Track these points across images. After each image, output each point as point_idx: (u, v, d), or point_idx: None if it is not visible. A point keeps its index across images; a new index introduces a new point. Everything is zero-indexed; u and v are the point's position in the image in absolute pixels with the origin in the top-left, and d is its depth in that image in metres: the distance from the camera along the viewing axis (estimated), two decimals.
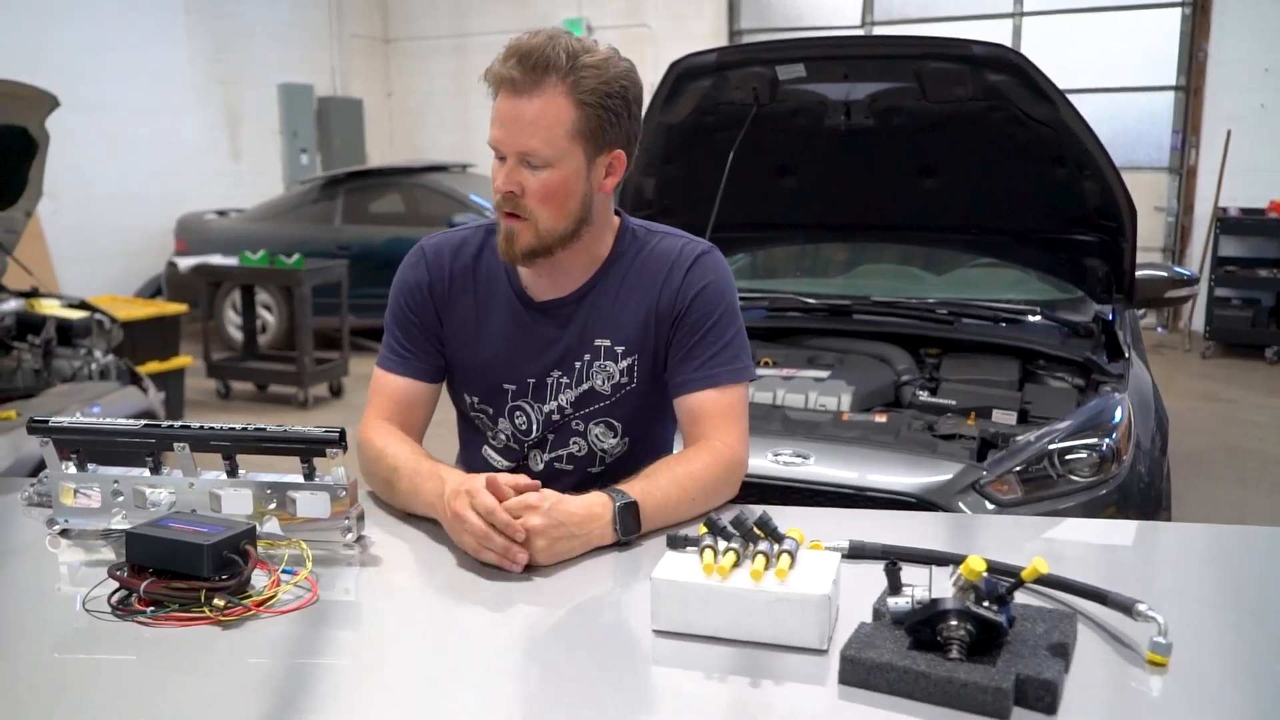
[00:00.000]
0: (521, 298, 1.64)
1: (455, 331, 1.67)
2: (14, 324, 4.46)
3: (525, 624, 1.22)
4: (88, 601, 1.21)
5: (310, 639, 1.16)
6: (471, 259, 1.67)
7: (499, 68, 1.47)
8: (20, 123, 4.27)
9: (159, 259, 8.47)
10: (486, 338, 1.65)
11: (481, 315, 1.65)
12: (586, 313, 1.63)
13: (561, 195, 1.51)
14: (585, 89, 1.47)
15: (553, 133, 1.46)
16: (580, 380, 1.63)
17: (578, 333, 1.62)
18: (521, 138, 1.47)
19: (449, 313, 1.67)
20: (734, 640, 1.10)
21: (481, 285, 1.66)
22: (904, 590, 1.06)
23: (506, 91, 1.47)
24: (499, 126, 1.48)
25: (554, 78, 1.45)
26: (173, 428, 1.35)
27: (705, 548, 1.14)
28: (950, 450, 2.77)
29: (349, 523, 1.37)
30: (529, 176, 1.49)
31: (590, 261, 1.63)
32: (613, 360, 1.62)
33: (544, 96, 1.45)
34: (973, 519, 2.14)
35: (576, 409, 1.64)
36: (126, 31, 8.58)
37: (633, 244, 1.65)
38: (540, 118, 1.46)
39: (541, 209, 1.51)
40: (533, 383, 1.64)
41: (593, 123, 1.49)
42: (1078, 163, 3.03)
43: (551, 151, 1.47)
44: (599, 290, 1.63)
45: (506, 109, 1.47)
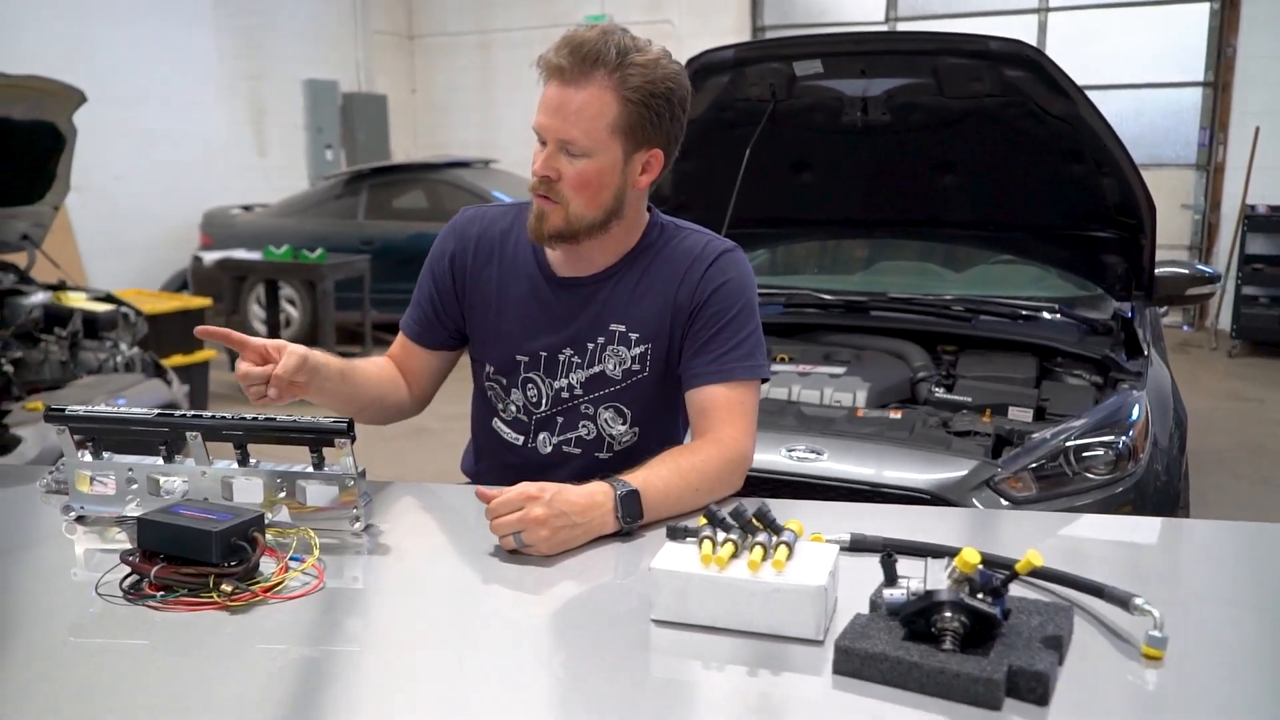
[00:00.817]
0: (544, 271, 1.68)
1: (476, 301, 1.72)
2: (42, 316, 4.52)
3: (527, 613, 1.23)
4: (101, 586, 1.23)
5: (317, 625, 1.18)
6: (501, 232, 1.73)
7: (551, 56, 1.51)
8: (49, 118, 4.33)
9: (185, 253, 8.56)
10: (505, 308, 1.70)
11: (503, 286, 1.70)
12: (605, 296, 1.66)
13: (595, 186, 1.55)
14: (631, 86, 1.51)
15: (594, 124, 1.51)
16: (592, 362, 1.66)
17: (595, 314, 1.66)
18: (564, 126, 1.51)
19: (472, 282, 1.72)
20: (731, 630, 1.11)
21: (507, 257, 1.71)
22: (900, 582, 1.07)
23: (555, 80, 1.51)
24: (544, 112, 1.53)
25: (602, 72, 1.49)
26: (185, 417, 1.38)
27: (704, 538, 1.15)
28: (964, 447, 2.77)
29: (357, 512, 1.39)
30: (566, 164, 1.54)
31: (615, 250, 1.67)
32: (626, 346, 1.65)
33: (590, 89, 1.50)
34: (981, 514, 2.13)
35: (586, 391, 1.68)
36: (155, 27, 8.67)
37: (660, 237, 1.69)
38: (584, 109, 1.50)
39: (574, 196, 1.55)
40: (545, 356, 1.68)
41: (634, 119, 1.53)
42: (1096, 159, 3.01)
43: (590, 142, 1.52)
44: (621, 276, 1.67)
45: (553, 96, 1.51)
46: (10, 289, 4.58)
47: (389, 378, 1.77)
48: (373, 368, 1.76)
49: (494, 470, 1.76)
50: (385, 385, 1.75)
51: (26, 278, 4.73)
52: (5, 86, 4.06)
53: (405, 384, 1.79)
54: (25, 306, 4.50)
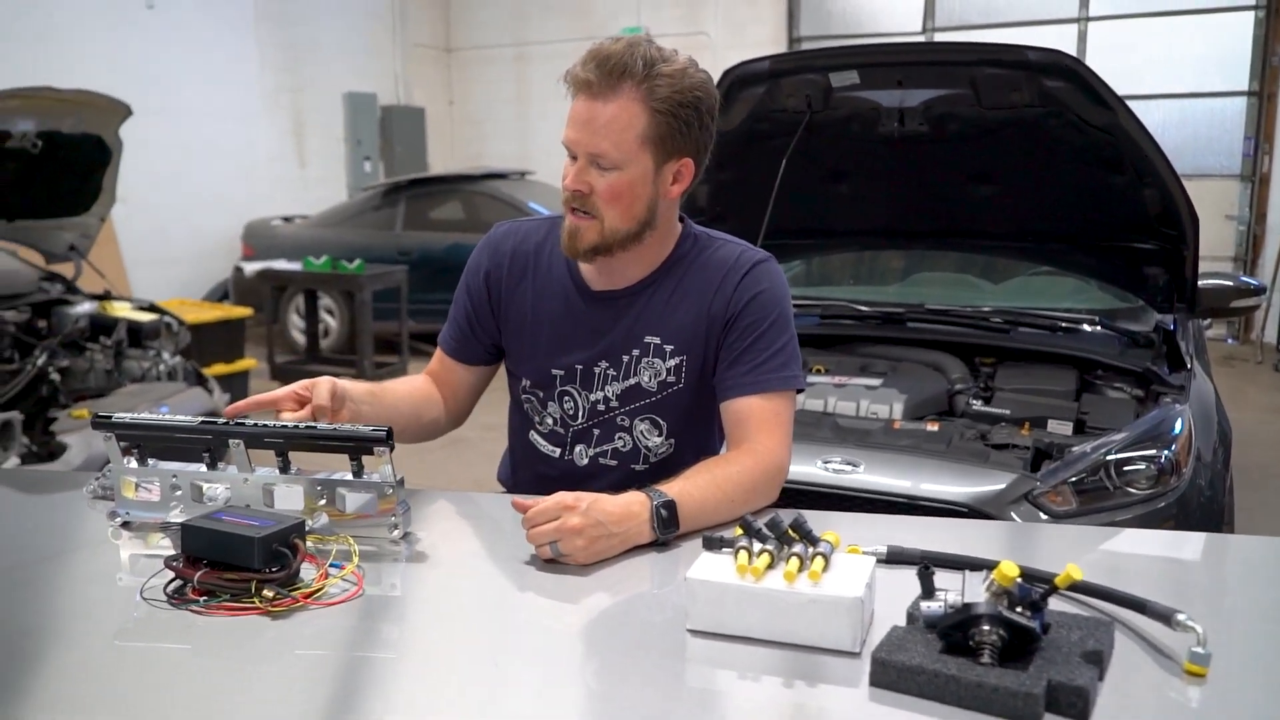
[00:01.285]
0: (578, 285, 1.69)
1: (512, 315, 1.74)
2: (88, 326, 4.61)
3: (562, 622, 1.24)
4: (145, 591, 1.25)
5: (356, 632, 1.19)
6: (535, 246, 1.74)
7: (578, 70, 1.52)
8: (96, 131, 4.42)
9: (227, 263, 8.69)
10: (540, 323, 1.71)
11: (537, 300, 1.71)
12: (640, 308, 1.67)
13: (628, 197, 1.56)
14: (659, 96, 1.51)
15: (623, 136, 1.51)
16: (627, 374, 1.67)
17: (628, 327, 1.67)
18: (593, 139, 1.52)
19: (507, 297, 1.74)
20: (767, 641, 1.11)
21: (541, 271, 1.72)
22: (937, 594, 1.06)
23: (583, 94, 1.52)
24: (573, 127, 1.54)
25: (629, 84, 1.50)
26: (228, 424, 1.40)
27: (740, 549, 1.15)
28: (1003, 460, 2.74)
29: (395, 519, 1.40)
30: (597, 177, 1.55)
31: (650, 261, 1.67)
32: (661, 358, 1.66)
33: (618, 101, 1.50)
34: (1019, 528, 2.12)
35: (622, 403, 1.68)
36: (200, 41, 8.82)
37: (693, 248, 1.69)
38: (613, 121, 1.51)
39: (608, 209, 1.56)
40: (580, 370, 1.69)
41: (663, 130, 1.53)
42: (1137, 169, 2.98)
43: (620, 155, 1.52)
44: (655, 289, 1.67)
45: (582, 110, 1.52)
46: (58, 299, 4.68)
47: (423, 395, 1.77)
48: (404, 387, 1.77)
49: (531, 481, 1.77)
50: (419, 403, 1.76)
51: (73, 288, 4.83)
52: (54, 101, 4.16)
53: (441, 400, 1.80)
54: (72, 316, 4.59)
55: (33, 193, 4.40)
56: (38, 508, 1.74)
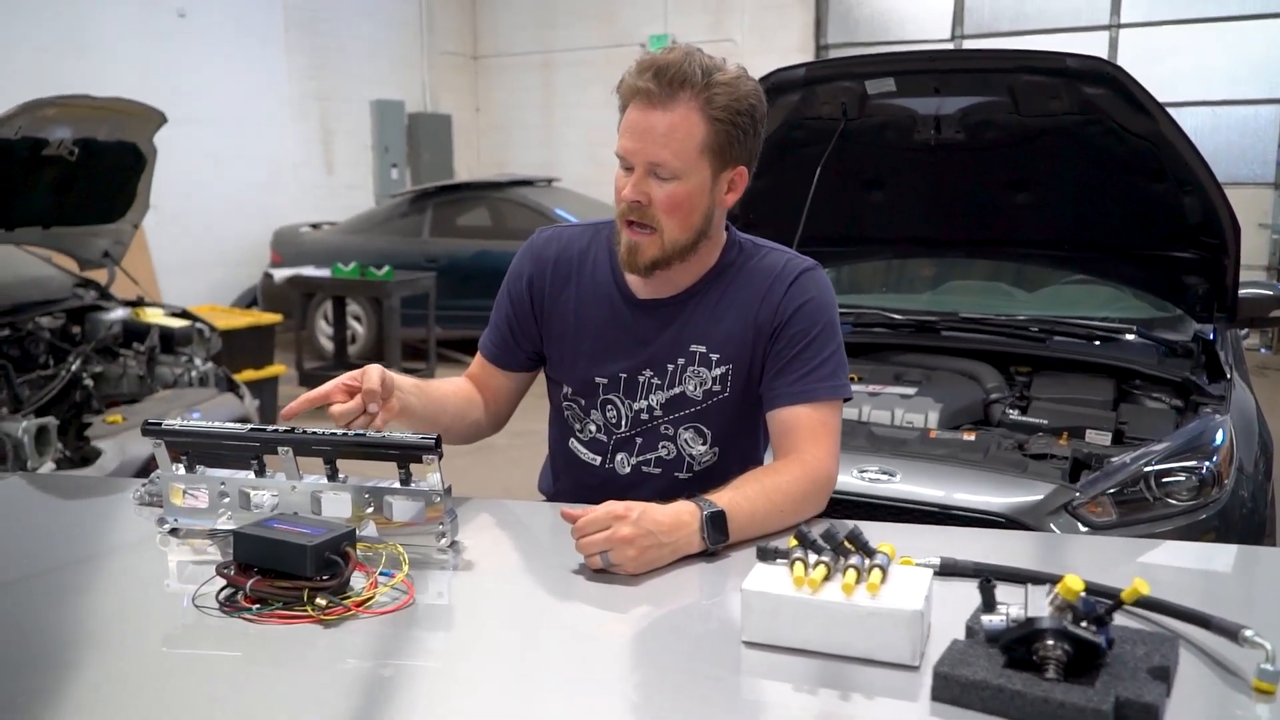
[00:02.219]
0: (623, 293, 1.68)
1: (555, 323, 1.73)
2: (121, 332, 4.65)
3: (614, 632, 1.23)
4: (197, 598, 1.25)
5: (406, 641, 1.19)
6: (579, 252, 1.73)
7: (634, 80, 1.51)
8: (130, 138, 4.46)
9: (255, 270, 8.75)
10: (584, 330, 1.70)
11: (581, 308, 1.70)
12: (686, 317, 1.65)
13: (686, 208, 1.55)
14: (717, 105, 1.51)
15: (683, 146, 1.51)
16: (672, 383, 1.66)
17: (674, 335, 1.65)
18: (653, 149, 1.51)
19: (550, 304, 1.73)
20: (823, 653, 1.10)
21: (585, 278, 1.71)
22: (998, 608, 1.05)
23: (640, 103, 1.51)
24: (631, 137, 1.52)
25: (688, 93, 1.49)
26: (277, 432, 1.40)
27: (796, 560, 1.14)
28: (1041, 470, 2.71)
29: (443, 527, 1.40)
30: (656, 187, 1.53)
31: (696, 271, 1.66)
32: (706, 367, 1.64)
33: (678, 111, 1.50)
34: (1063, 539, 2.09)
35: (666, 412, 1.67)
36: (230, 50, 8.91)
37: (739, 256, 1.68)
38: (673, 131, 1.50)
39: (667, 220, 1.55)
40: (624, 378, 1.67)
41: (722, 139, 1.53)
42: (1178, 177, 2.94)
43: (680, 164, 1.51)
44: (701, 297, 1.66)
45: (639, 120, 1.51)
46: (91, 305, 4.72)
47: (465, 396, 1.77)
48: (448, 386, 1.77)
49: (572, 490, 1.76)
50: (463, 403, 1.76)
51: (107, 294, 4.87)
52: (91, 109, 4.20)
53: (482, 403, 1.80)
54: (105, 322, 4.64)
55: (68, 200, 4.44)
56: (85, 513, 1.76)
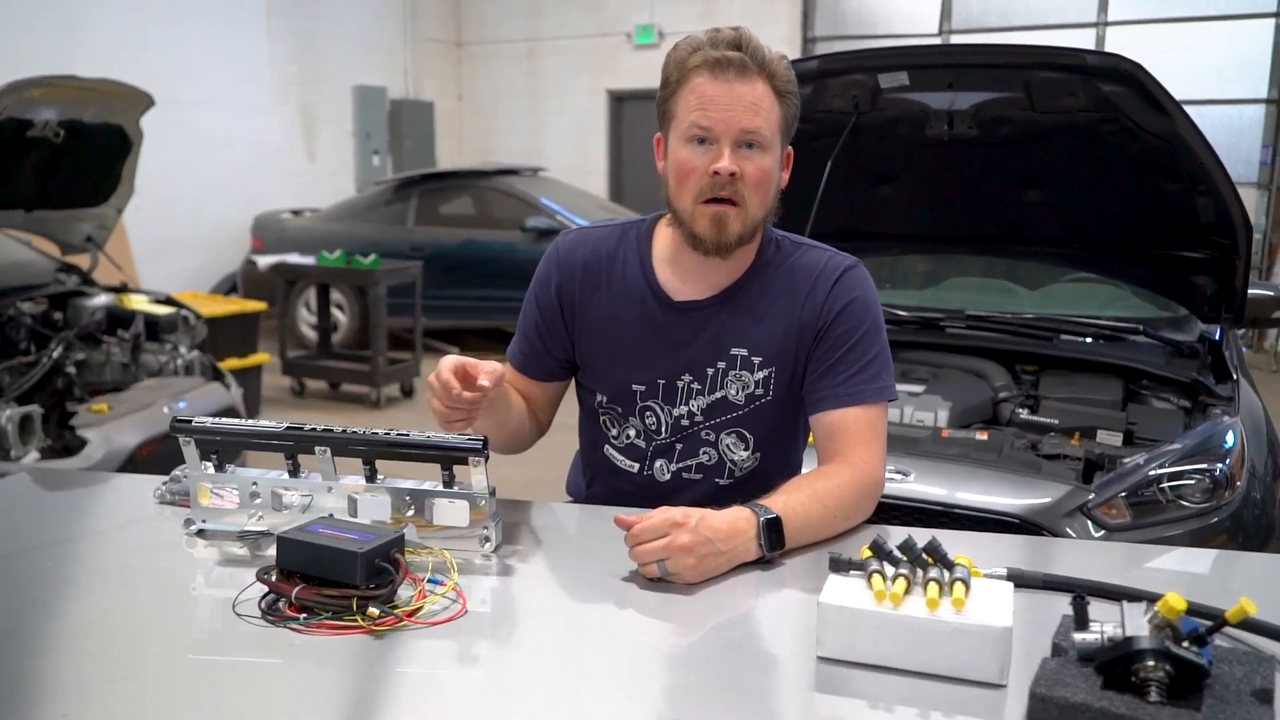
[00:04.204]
0: (658, 295, 1.61)
1: (587, 329, 1.65)
2: (104, 318, 4.54)
3: (675, 644, 1.18)
4: (238, 604, 1.19)
5: (457, 651, 1.14)
6: (607, 255, 1.65)
7: (711, 51, 1.46)
8: (118, 121, 4.35)
9: (234, 256, 8.61)
10: (618, 336, 1.63)
11: (614, 313, 1.63)
12: (724, 319, 1.59)
13: (769, 182, 1.51)
14: (783, 79, 1.49)
15: (770, 117, 1.48)
16: (713, 388, 1.60)
17: (714, 338, 1.59)
18: (745, 116, 1.45)
19: (581, 310, 1.65)
20: (902, 670, 1.06)
21: (616, 282, 1.64)
22: (1092, 625, 1.01)
23: (720, 75, 1.45)
24: (715, 108, 1.46)
25: (764, 69, 1.47)
26: (315, 431, 1.34)
27: (873, 572, 1.09)
28: (1055, 471, 2.70)
29: (487, 531, 1.35)
30: (746, 160, 1.48)
31: (735, 266, 1.60)
32: (749, 371, 1.59)
33: (756, 83, 1.47)
34: (1098, 546, 2.06)
35: (707, 417, 1.61)
36: (211, 32, 8.74)
37: (776, 254, 1.62)
38: (760, 100, 1.46)
39: (754, 194, 1.50)
40: (663, 384, 1.61)
41: (789, 115, 1.52)
42: (1192, 177, 2.93)
43: (770, 134, 1.48)
44: (740, 298, 1.60)
45: (722, 91, 1.45)
46: (74, 291, 4.60)
47: (521, 401, 1.69)
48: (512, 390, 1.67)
49: (607, 495, 1.71)
50: (524, 408, 1.69)
51: (89, 280, 4.76)
52: (78, 90, 4.08)
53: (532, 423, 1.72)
54: (88, 308, 4.52)
55: (52, 183, 4.32)
56: (105, 512, 1.68)
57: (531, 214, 7.75)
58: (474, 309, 7.72)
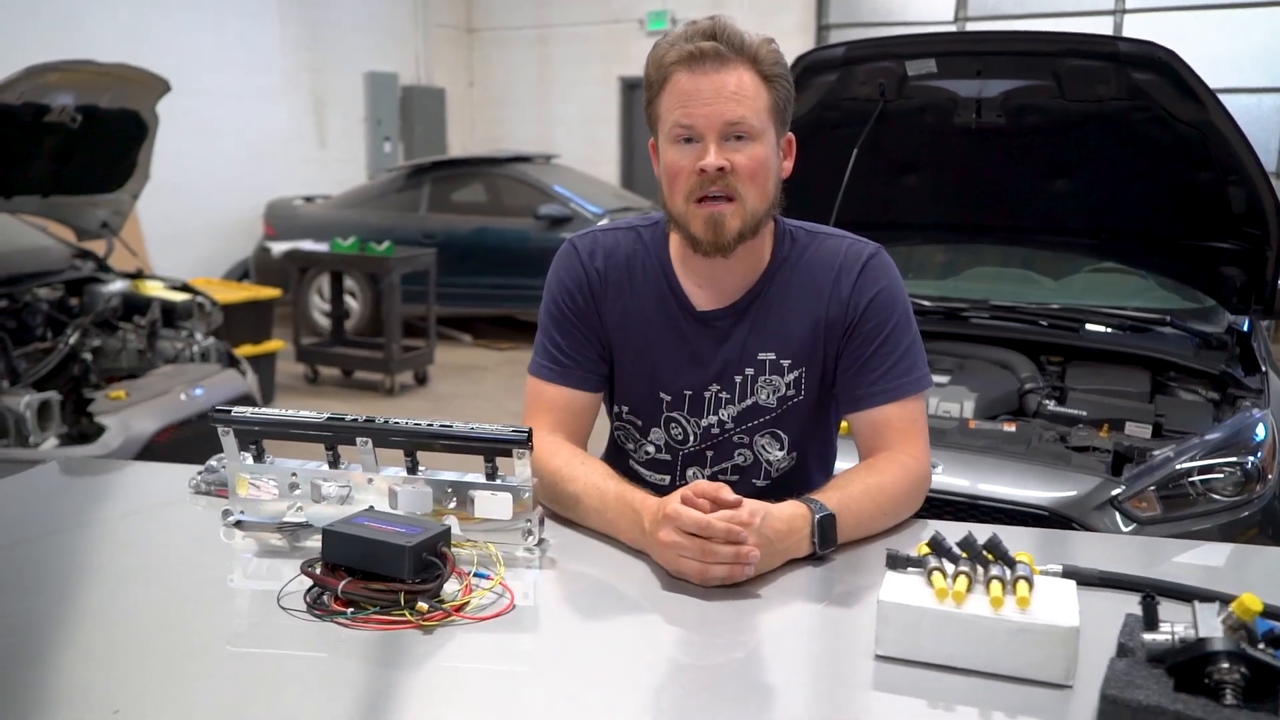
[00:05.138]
0: (682, 305, 1.56)
1: (608, 335, 1.60)
2: (120, 305, 4.53)
3: (724, 640, 1.16)
4: (282, 598, 1.18)
5: (504, 646, 1.12)
6: (624, 261, 1.59)
7: (685, 45, 1.41)
8: (134, 106, 4.33)
9: (246, 242, 8.59)
10: (642, 346, 1.57)
11: (637, 322, 1.57)
12: (749, 325, 1.54)
13: (765, 172, 1.44)
14: (768, 64, 1.43)
15: (756, 104, 1.41)
16: (743, 395, 1.56)
17: (739, 346, 1.54)
18: (729, 107, 1.40)
19: (604, 317, 1.59)
20: (963, 670, 1.04)
21: (637, 290, 1.58)
22: (1162, 626, 0.98)
23: (696, 68, 1.40)
24: (695, 103, 1.40)
25: (744, 55, 1.41)
26: (357, 422, 1.32)
27: (933, 570, 1.07)
28: (1085, 463, 2.67)
29: (529, 524, 1.33)
30: (734, 152, 1.42)
31: (753, 266, 1.54)
32: (778, 374, 1.55)
33: (736, 70, 1.41)
34: (1137, 541, 2.04)
35: (739, 424, 1.57)
36: (222, 18, 8.71)
37: (793, 248, 1.56)
38: (742, 88, 1.40)
39: (749, 186, 1.43)
40: (689, 395, 1.57)
41: (781, 99, 1.45)
42: (1224, 167, 2.89)
43: (758, 123, 1.42)
44: (762, 300, 1.54)
45: (701, 84, 1.40)
46: (90, 277, 4.59)
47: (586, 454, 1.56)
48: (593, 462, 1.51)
49: None
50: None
51: (105, 266, 4.74)
52: (94, 75, 4.06)
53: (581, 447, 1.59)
54: (105, 294, 4.51)
55: (68, 168, 4.30)
56: (139, 502, 1.66)
57: (544, 201, 7.72)
58: (486, 296, 7.70)
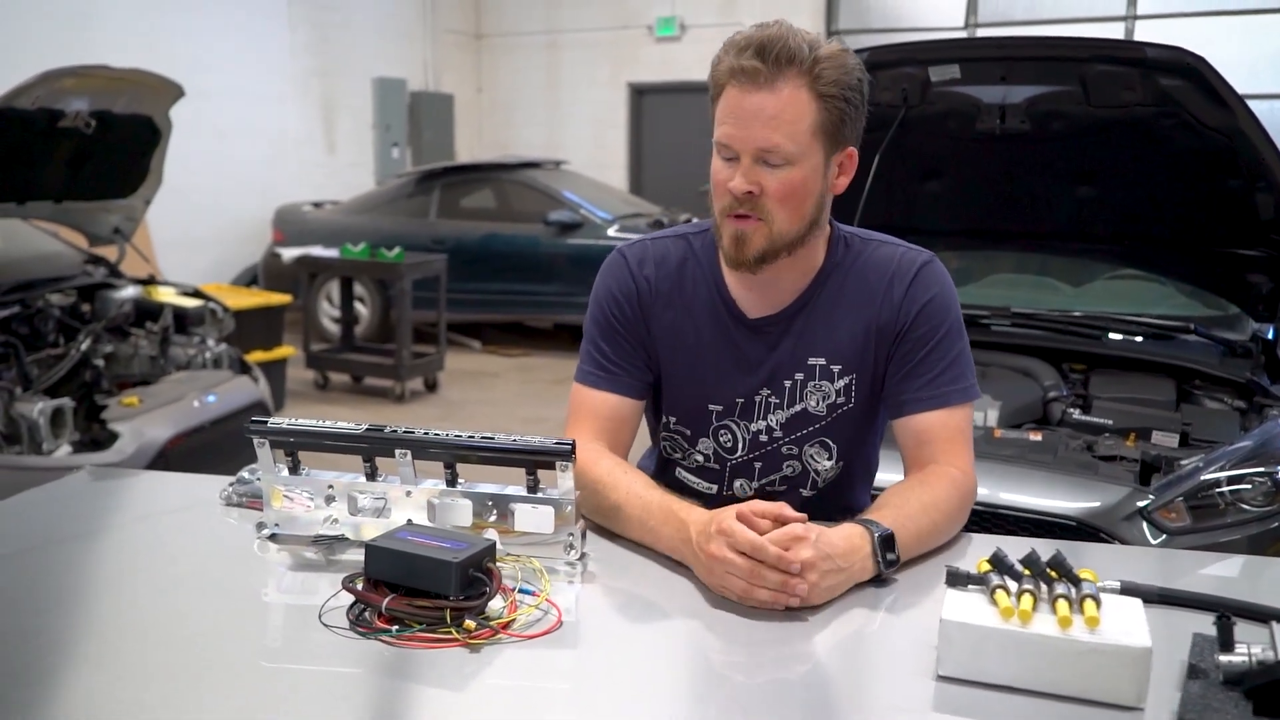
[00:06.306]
0: (732, 313, 1.54)
1: (657, 345, 1.58)
2: (132, 311, 4.51)
3: (775, 659, 1.13)
4: (324, 614, 1.15)
5: (549, 664, 1.09)
6: (675, 270, 1.57)
7: (734, 60, 1.38)
8: (147, 112, 4.31)
9: (255, 248, 8.57)
10: (693, 355, 1.56)
11: (687, 331, 1.56)
12: (799, 330, 1.53)
13: (800, 195, 1.41)
14: (827, 81, 1.38)
15: (796, 128, 1.37)
16: (792, 400, 1.54)
17: (789, 351, 1.53)
18: (763, 133, 1.37)
19: (654, 327, 1.57)
20: (1028, 691, 1.01)
21: (687, 298, 1.56)
22: (1238, 647, 0.96)
23: (743, 85, 1.38)
24: (735, 122, 1.39)
25: (795, 70, 1.36)
26: (395, 433, 1.29)
27: (996, 588, 1.04)
28: (1113, 473, 2.64)
29: (571, 538, 1.30)
30: (767, 175, 1.40)
31: (804, 272, 1.53)
32: (829, 380, 1.53)
33: (785, 90, 1.37)
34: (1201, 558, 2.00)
35: (787, 431, 1.55)
36: (231, 22, 8.70)
37: (846, 254, 1.54)
38: (783, 112, 1.37)
39: (779, 210, 1.41)
40: (740, 402, 1.55)
41: (834, 117, 1.40)
42: (1252, 173, 2.86)
43: (794, 148, 1.38)
44: (813, 305, 1.53)
45: (743, 103, 1.38)
46: (102, 283, 4.57)
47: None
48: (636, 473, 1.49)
49: None
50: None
51: (117, 272, 4.72)
52: (108, 80, 4.04)
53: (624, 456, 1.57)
54: (116, 300, 4.49)
55: (81, 174, 4.28)
56: (169, 513, 1.62)
57: (554, 207, 7.70)
58: (496, 303, 7.67)
